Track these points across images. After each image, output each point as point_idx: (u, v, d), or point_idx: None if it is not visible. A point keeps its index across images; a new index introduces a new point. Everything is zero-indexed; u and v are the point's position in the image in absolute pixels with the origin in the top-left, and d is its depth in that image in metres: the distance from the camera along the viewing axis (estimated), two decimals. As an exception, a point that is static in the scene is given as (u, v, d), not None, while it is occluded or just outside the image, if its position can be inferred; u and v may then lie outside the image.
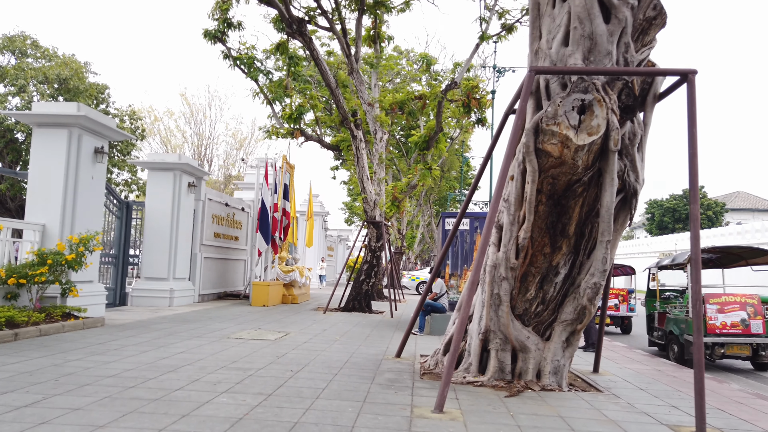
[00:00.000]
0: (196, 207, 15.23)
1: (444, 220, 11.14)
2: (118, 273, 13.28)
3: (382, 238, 14.65)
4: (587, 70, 5.03)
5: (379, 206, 14.72)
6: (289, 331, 9.71)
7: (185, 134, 43.80)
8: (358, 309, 14.56)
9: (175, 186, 13.90)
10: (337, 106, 13.81)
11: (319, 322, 11.69)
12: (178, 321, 10.46)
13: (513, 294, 5.97)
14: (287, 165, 17.53)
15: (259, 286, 15.02)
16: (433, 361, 6.77)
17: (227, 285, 17.54)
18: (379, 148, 15.26)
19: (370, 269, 14.68)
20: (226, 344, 7.88)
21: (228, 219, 17.47)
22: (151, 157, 13.98)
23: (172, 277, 13.70)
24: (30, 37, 25.81)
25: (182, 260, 14.14)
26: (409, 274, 28.17)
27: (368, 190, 14.37)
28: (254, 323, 10.72)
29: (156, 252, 13.62)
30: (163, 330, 9.05)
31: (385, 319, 13.19)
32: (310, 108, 18.88)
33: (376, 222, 14.57)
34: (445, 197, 45.93)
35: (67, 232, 9.56)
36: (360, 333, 10.06)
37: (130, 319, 10.34)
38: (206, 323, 10.31)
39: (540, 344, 6.04)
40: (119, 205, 13.40)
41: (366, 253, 14.78)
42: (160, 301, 13.39)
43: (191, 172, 14.46)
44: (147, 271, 13.64)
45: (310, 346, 8.09)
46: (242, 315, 12.21)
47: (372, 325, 11.65)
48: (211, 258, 16.11)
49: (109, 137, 10.70)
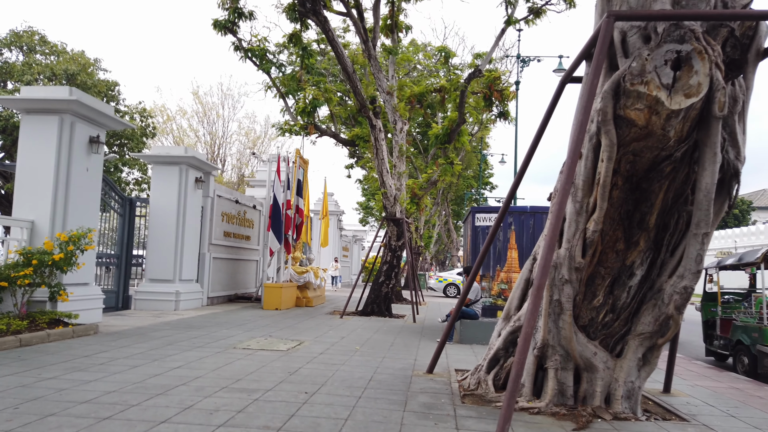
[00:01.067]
0: (204, 204, 14.30)
1: (474, 216, 10.04)
2: (120, 275, 12.37)
3: (403, 237, 13.58)
4: (683, 13, 3.91)
5: (400, 202, 13.65)
6: (303, 340, 8.67)
7: (198, 133, 43.19)
8: (377, 313, 13.51)
9: (181, 181, 12.96)
10: (354, 92, 12.78)
11: (336, 328, 10.65)
12: (182, 327, 9.49)
13: (577, 300, 4.87)
14: (301, 160, 16.54)
15: (271, 288, 14.04)
16: (474, 380, 5.68)
17: (238, 287, 16.59)
18: (398, 139, 14.20)
19: (390, 270, 13.61)
20: (231, 356, 6.87)
21: (239, 217, 16.53)
22: (156, 150, 13.06)
23: (178, 279, 12.76)
24: (38, 33, 25.19)
25: (189, 261, 13.20)
26: (436, 276, 26.84)
27: (388, 184, 13.32)
28: (265, 330, 9.71)
29: (161, 252, 12.69)
30: (162, 339, 8.06)
31: (407, 324, 12.12)
32: (324, 101, 17.89)
33: (396, 219, 13.50)
34: (462, 196, 44.71)
35: (58, 229, 8.63)
36: (382, 341, 9.00)
37: (129, 326, 9.39)
38: (212, 330, 9.32)
39: (610, 362, 4.92)
40: (121, 202, 12.50)
41: (385, 253, 13.73)
42: (165, 305, 12.46)
43: (198, 166, 13.52)
44: (151, 272, 12.72)
45: (327, 359, 7.05)
46: (252, 320, 11.21)
47: (394, 331, 10.59)
48: (220, 258, 15.17)
49: (106, 126, 9.77)
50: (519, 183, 6.24)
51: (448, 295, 24.98)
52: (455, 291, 24.78)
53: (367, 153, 30.91)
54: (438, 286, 25.56)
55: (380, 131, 13.13)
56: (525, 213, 9.94)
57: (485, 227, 9.98)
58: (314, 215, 29.10)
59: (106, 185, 11.82)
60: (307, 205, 17.23)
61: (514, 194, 6.24)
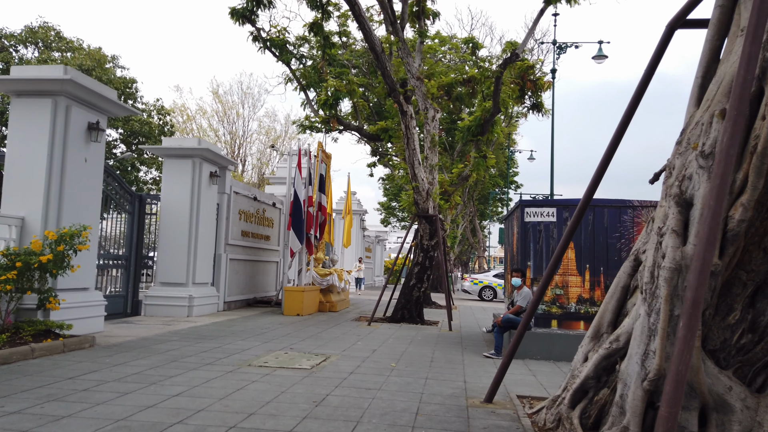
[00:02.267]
0: (219, 201, 13.24)
1: (523, 211, 8.73)
2: (129, 278, 11.36)
3: (437, 236, 12.33)
4: None
5: (433, 197, 12.41)
6: (328, 354, 7.48)
7: (218, 133, 42.53)
8: (407, 319, 12.29)
9: (194, 176, 11.91)
10: (382, 74, 11.58)
11: (365, 338, 9.45)
12: (192, 338, 8.39)
13: (706, 316, 3.58)
14: (323, 154, 15.41)
15: (292, 292, 12.91)
16: (553, 416, 4.40)
17: (257, 290, 15.52)
18: (430, 128, 12.95)
19: (422, 272, 12.37)
20: (245, 377, 5.71)
21: (258, 216, 15.46)
22: (167, 142, 12.04)
23: (191, 283, 11.71)
24: (53, 29, 24.59)
25: (203, 262, 12.14)
26: (471, 277, 25.35)
27: (420, 177, 12.08)
28: (285, 340, 8.55)
29: (172, 253, 11.65)
30: (166, 353, 6.95)
31: (443, 332, 10.87)
32: (347, 93, 16.75)
33: (429, 216, 12.26)
34: (487, 195, 43.18)
35: (52, 227, 7.59)
36: (420, 355, 7.77)
37: (132, 336, 8.32)
38: (225, 341, 8.20)
39: (749, 399, 3.61)
40: (130, 198, 11.50)
41: (416, 254, 12.49)
42: (178, 310, 11.41)
43: (213, 160, 12.46)
44: (162, 275, 11.69)
45: (360, 381, 5.84)
46: (272, 328, 10.08)
47: (430, 342, 9.35)
48: (238, 260, 14.10)
49: (108, 111, 8.73)
50: (602, 175, 4.95)
51: (484, 298, 23.57)
52: (491, 294, 23.42)
53: (390, 151, 29.74)
54: (473, 289, 24.11)
55: (411, 118, 11.91)
56: (583, 206, 8.60)
57: (536, 224, 8.67)
58: (336, 215, 28.02)
59: (113, 180, 10.81)
60: (330, 202, 16.09)
61: (599, 183, 4.95)
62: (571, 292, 8.48)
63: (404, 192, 16.38)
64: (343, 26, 19.35)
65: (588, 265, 8.49)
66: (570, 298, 8.50)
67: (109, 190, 10.76)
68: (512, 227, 9.99)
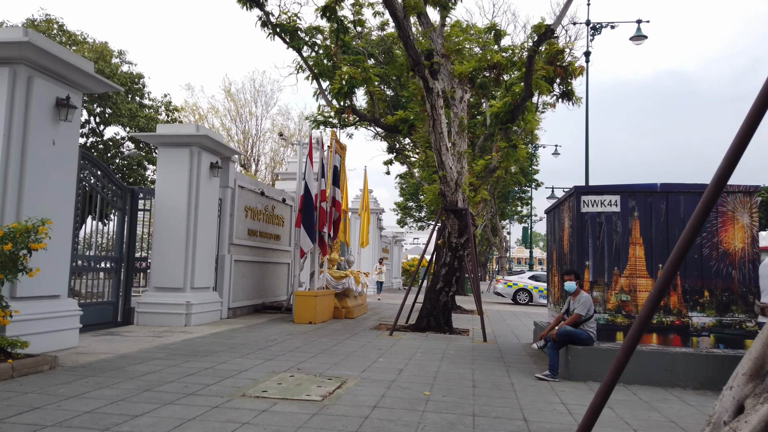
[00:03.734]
0: (222, 196, 11.89)
1: (579, 200, 7.20)
2: (118, 282, 10.06)
3: (467, 233, 10.82)
4: None
5: (462, 188, 10.91)
6: (344, 376, 6.03)
7: (230, 132, 41.50)
8: (434, 328, 10.80)
9: (192, 167, 10.56)
10: (404, 45, 10.12)
11: (388, 352, 7.99)
12: (182, 354, 7.00)
13: None
14: (337, 144, 14.00)
15: (303, 297, 11.49)
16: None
17: (266, 295, 14.15)
18: (458, 111, 11.46)
19: (449, 274, 10.88)
20: (233, 417, 4.28)
21: (266, 213, 14.09)
22: (161, 129, 10.70)
23: (189, 287, 10.35)
24: (56, 22, 23.56)
25: (204, 264, 10.79)
26: (505, 280, 23.62)
27: (447, 165, 10.59)
28: (293, 357, 7.13)
29: (168, 254, 10.32)
30: (143, 378, 5.56)
31: (476, 344, 9.36)
32: (362, 81, 15.32)
33: (458, 210, 10.76)
34: (507, 193, 41.43)
35: (10, 221, 6.26)
36: (457, 378, 6.28)
37: (111, 352, 6.95)
38: (221, 358, 6.79)
39: None
40: (120, 193, 10.19)
41: (444, 253, 11.00)
42: (174, 319, 10.06)
43: (214, 149, 11.11)
44: (157, 279, 10.35)
45: (386, 422, 4.37)
46: (279, 340, 8.67)
47: (465, 357, 7.85)
48: (244, 261, 12.74)
49: (81, 86, 7.39)
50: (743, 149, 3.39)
51: (519, 301, 21.97)
52: (527, 297, 21.83)
53: (408, 147, 28.25)
54: (506, 292, 22.48)
55: (438, 96, 10.43)
56: (654, 193, 7.05)
57: (595, 214, 7.12)
58: (352, 214, 26.60)
59: (98, 170, 9.51)
60: (345, 198, 14.67)
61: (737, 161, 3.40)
62: (640, 297, 6.93)
63: (426, 186, 14.89)
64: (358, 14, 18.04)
65: (661, 265, 6.93)
66: (639, 305, 6.94)
67: (94, 182, 9.46)
68: (560, 220, 8.45)
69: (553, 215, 9.18)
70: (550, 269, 9.47)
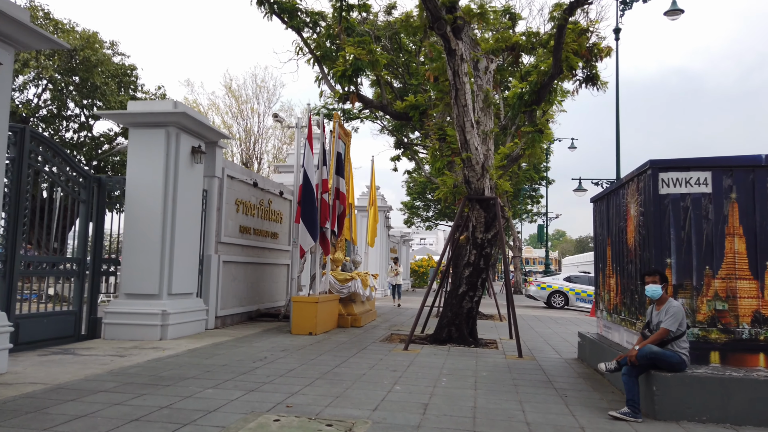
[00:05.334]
0: (208, 187, 10.26)
1: (656, 178, 5.50)
2: (81, 288, 8.45)
3: (495, 226, 9.12)
4: None
5: (490, 174, 9.22)
6: (350, 420, 4.35)
7: (231, 129, 40.00)
8: (456, 339, 9.12)
9: (169, 151, 8.94)
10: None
11: (405, 375, 6.30)
12: (136, 385, 5.35)
13: None
14: (341, 129, 12.37)
15: (302, 304, 9.83)
16: None
17: (262, 300, 12.51)
18: (483, 83, 9.76)
19: (474, 276, 9.18)
20: None
21: (261, 208, 12.45)
22: (132, 106, 9.05)
23: (165, 293, 8.72)
24: (41, 9, 22.07)
25: (184, 267, 9.15)
26: (539, 281, 21.74)
27: (473, 145, 8.90)
28: (282, 386, 5.46)
29: (140, 254, 8.69)
30: (64, 426, 3.91)
31: (511, 360, 7.66)
32: (369, 64, 13.67)
33: (485, 199, 9.06)
34: (518, 191, 39.57)
35: None
36: (505, 418, 4.58)
37: (45, 382, 5.31)
38: (186, 391, 5.14)
39: None
40: (83, 182, 8.58)
41: (468, 251, 9.31)
42: (147, 331, 8.43)
43: (196, 131, 9.47)
44: (128, 284, 8.73)
45: None
46: (269, 359, 7.01)
47: (504, 381, 6.16)
48: (235, 262, 11.10)
49: (11, 38, 5.76)
50: None
51: (554, 305, 20.24)
52: (562, 300, 20.12)
53: (416, 142, 26.56)
54: (540, 294, 20.70)
55: (462, 60, 8.74)
56: (758, 168, 5.34)
57: (678, 197, 5.42)
58: (358, 212, 24.93)
59: (52, 152, 7.89)
60: (351, 191, 13.02)
61: None
62: (741, 305, 5.22)
63: (441, 178, 13.22)
64: (363, -3, 16.45)
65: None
66: (741, 316, 5.23)
67: (49, 168, 7.85)
68: (619, 207, 6.73)
69: (605, 203, 7.46)
70: (601, 269, 7.76)
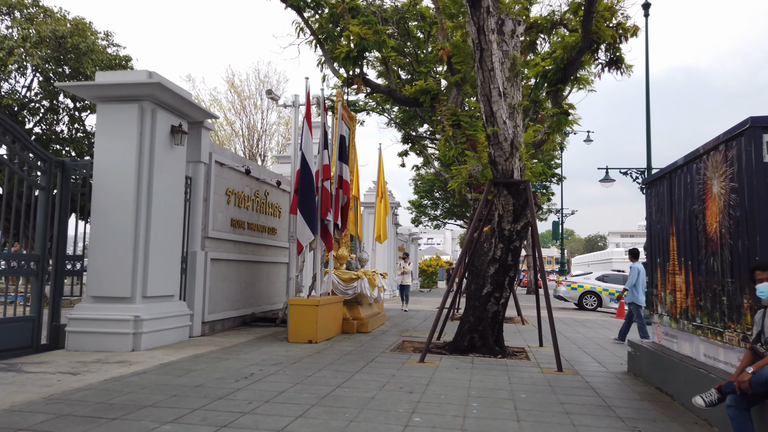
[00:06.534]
0: (193, 174, 8.97)
1: (761, 142, 4.15)
2: (40, 290, 7.18)
3: (525, 216, 7.75)
4: None
5: (521, 152, 7.85)
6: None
7: (234, 126, 38.80)
8: (480, 348, 7.77)
9: (143, 129, 7.64)
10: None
11: (424, 399, 4.96)
12: (74, 418, 4.05)
13: None
14: (344, 111, 11.06)
15: (300, 307, 8.51)
16: None
17: (258, 302, 11.20)
18: (509, 48, 8.39)
19: (501, 273, 7.82)
20: None
21: (257, 200, 11.15)
22: (101, 77, 7.76)
23: (139, 296, 7.43)
24: (30, -6, 20.90)
25: (163, 265, 7.86)
26: (569, 281, 20.30)
27: (500, 118, 7.53)
28: (266, 419, 4.14)
29: (110, 250, 7.41)
30: None
31: (549, 375, 6.30)
32: (375, 44, 12.37)
33: (513, 183, 7.70)
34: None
35: None
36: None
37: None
38: (135, 428, 3.83)
39: None
40: (42, 165, 7.32)
41: (494, 244, 7.95)
42: (117, 341, 7.14)
43: (176, 107, 8.16)
44: (95, 285, 7.44)
45: None
46: (256, 376, 5.69)
47: (550, 406, 4.81)
48: (225, 260, 9.81)
49: None
50: None
51: (586, 306, 18.82)
52: (595, 301, 18.79)
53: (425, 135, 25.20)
54: (570, 295, 19.29)
55: (488, 13, 7.38)
56: None
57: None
58: (365, 208, 23.62)
59: (1, 131, 6.62)
60: (356, 181, 11.71)
61: None
62: None
63: (454, 167, 11.87)
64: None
65: None
66: None
67: None
68: (696, 185, 5.35)
69: (666, 184, 6.08)
70: (660, 264, 6.38)
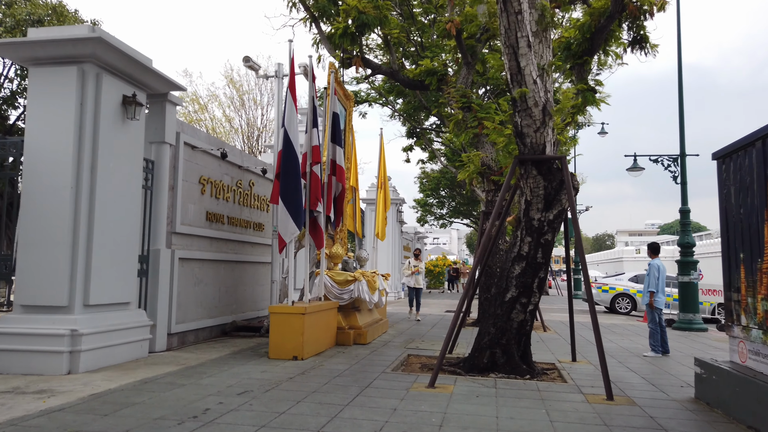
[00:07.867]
0: (156, 157, 7.50)
1: None
2: (-48, 298, 5.72)
3: (560, 201, 6.23)
4: None
5: (555, 121, 6.34)
6: None
7: (233, 122, 37.44)
8: (503, 366, 6.26)
9: (84, 99, 6.17)
10: None
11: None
12: None
13: None
14: (338, 87, 9.61)
15: (283, 316, 7.01)
16: None
17: (241, 308, 9.73)
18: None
19: (529, 274, 6.30)
20: None
21: (239, 190, 9.68)
22: (33, 34, 6.31)
23: (79, 304, 5.96)
24: (5, -22, 19.52)
25: (110, 266, 6.38)
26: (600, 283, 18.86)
27: (529, 76, 6.01)
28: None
29: (41, 248, 5.95)
30: None
31: (597, 405, 4.78)
32: (376, 21, 10.88)
33: (545, 161, 6.17)
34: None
35: None
36: None
37: None
38: None
39: None
40: (-45, 143, 5.85)
41: (519, 237, 6.43)
42: (48, 361, 5.68)
43: (128, 73, 6.67)
44: (24, 292, 5.98)
45: None
46: (207, 418, 4.20)
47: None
48: (199, 260, 8.33)
49: None
50: None
51: (618, 310, 17.37)
52: (629, 304, 17.34)
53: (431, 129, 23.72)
54: (601, 298, 17.80)
55: (515, -64, 5.85)
56: None
57: None
58: (367, 206, 22.14)
59: None
60: (353, 169, 10.22)
61: None
62: None
63: (464, 155, 10.37)
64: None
65: None
66: None
67: None
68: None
69: (750, 157, 4.55)
70: (744, 260, 4.85)
